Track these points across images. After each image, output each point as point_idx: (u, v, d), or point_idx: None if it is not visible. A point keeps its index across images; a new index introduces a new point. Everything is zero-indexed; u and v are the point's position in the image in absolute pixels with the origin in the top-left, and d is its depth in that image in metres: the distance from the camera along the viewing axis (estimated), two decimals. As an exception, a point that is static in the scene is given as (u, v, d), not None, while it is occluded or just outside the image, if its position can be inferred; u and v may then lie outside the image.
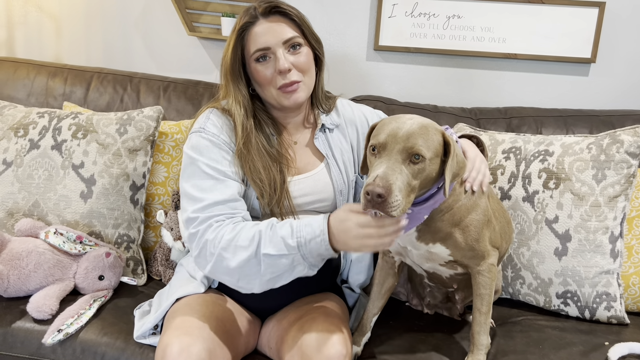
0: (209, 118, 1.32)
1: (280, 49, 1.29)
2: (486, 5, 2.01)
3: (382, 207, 1.01)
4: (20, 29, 2.34)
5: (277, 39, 1.29)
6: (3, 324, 1.37)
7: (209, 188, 1.24)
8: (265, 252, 1.14)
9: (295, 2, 2.13)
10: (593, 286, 1.48)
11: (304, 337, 1.15)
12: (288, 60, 1.29)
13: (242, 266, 1.16)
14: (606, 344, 1.35)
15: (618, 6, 1.98)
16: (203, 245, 1.20)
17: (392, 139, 1.06)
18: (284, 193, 1.31)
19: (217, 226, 1.20)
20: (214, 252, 1.18)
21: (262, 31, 1.29)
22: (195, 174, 1.26)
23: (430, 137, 1.07)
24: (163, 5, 2.22)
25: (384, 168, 1.03)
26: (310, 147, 1.43)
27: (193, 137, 1.30)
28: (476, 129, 1.80)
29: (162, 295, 1.41)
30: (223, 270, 1.19)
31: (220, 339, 1.18)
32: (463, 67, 2.10)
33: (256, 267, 1.16)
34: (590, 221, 1.49)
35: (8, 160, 1.69)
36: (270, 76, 1.30)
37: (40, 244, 1.50)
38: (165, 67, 2.28)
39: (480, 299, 1.25)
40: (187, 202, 1.25)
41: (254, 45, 1.30)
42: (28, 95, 2.03)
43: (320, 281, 1.38)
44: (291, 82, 1.30)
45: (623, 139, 1.50)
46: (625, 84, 2.04)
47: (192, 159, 1.27)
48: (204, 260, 1.21)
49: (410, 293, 1.57)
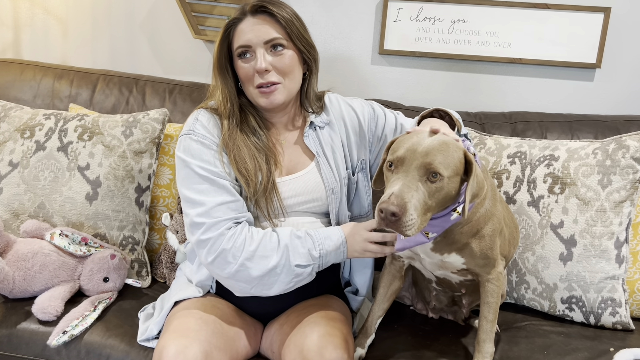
0: (197, 119, 1.32)
1: (261, 48, 1.29)
2: (491, 10, 2.01)
3: (396, 226, 0.99)
4: (26, 31, 2.35)
5: (259, 39, 1.29)
6: (8, 325, 1.38)
7: (207, 190, 1.24)
8: (297, 264, 1.21)
9: (301, 5, 2.15)
10: (598, 292, 1.48)
11: (305, 341, 1.15)
12: (267, 61, 1.29)
13: (264, 275, 1.21)
14: (611, 349, 1.34)
15: (623, 11, 1.98)
16: (219, 253, 1.21)
17: (410, 155, 1.02)
18: (272, 186, 1.30)
19: (231, 235, 1.21)
20: (233, 262, 1.20)
21: (246, 29, 1.30)
22: (190, 177, 1.26)
23: (450, 154, 1.03)
24: (169, 8, 2.23)
25: (399, 185, 1.00)
26: (300, 146, 1.41)
27: (183, 139, 1.30)
28: (481, 133, 1.80)
29: (164, 299, 1.41)
30: (243, 279, 1.22)
31: (218, 342, 1.18)
32: (468, 72, 2.10)
33: (280, 276, 1.21)
34: (596, 226, 1.48)
35: (14, 161, 1.70)
36: (251, 74, 1.31)
37: (46, 245, 1.50)
38: (171, 69, 2.29)
39: (488, 307, 1.25)
40: (188, 205, 1.25)
41: (237, 42, 1.31)
42: (34, 97, 2.04)
43: (321, 284, 1.38)
44: (268, 82, 1.29)
45: (629, 144, 1.50)
46: (630, 89, 2.04)
47: (185, 162, 1.27)
48: (219, 268, 1.22)
49: (414, 297, 1.57)
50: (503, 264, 1.26)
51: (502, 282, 1.25)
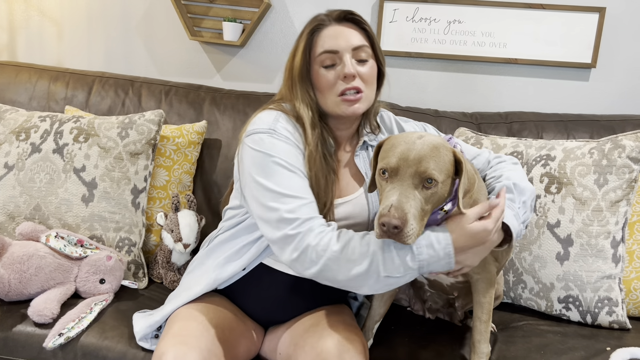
0: (278, 120, 1.24)
1: (347, 54, 1.24)
2: (487, 10, 2.02)
3: (398, 237, 1.01)
4: (22, 33, 2.35)
5: (347, 44, 1.25)
6: (4, 328, 1.37)
7: (297, 186, 1.17)
8: (386, 275, 1.09)
9: (298, 6, 2.15)
10: (595, 291, 1.48)
11: (324, 343, 1.14)
12: (354, 66, 1.25)
13: (350, 279, 1.11)
14: (608, 349, 1.35)
15: (618, 11, 1.98)
16: (304, 249, 1.12)
17: (403, 163, 1.03)
18: (330, 207, 1.25)
19: (319, 231, 1.13)
20: (316, 260, 1.11)
21: (333, 34, 1.26)
22: (279, 174, 1.17)
23: (441, 158, 1.05)
24: (164, 10, 2.23)
25: (397, 196, 1.01)
26: (350, 167, 1.35)
27: (264, 137, 1.21)
28: (477, 134, 1.80)
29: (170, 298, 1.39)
30: (328, 279, 1.14)
31: (218, 349, 1.17)
32: (464, 72, 2.11)
33: (368, 281, 1.11)
34: (592, 226, 1.49)
35: (10, 163, 1.69)
36: (333, 81, 1.25)
37: (41, 247, 1.50)
38: (166, 71, 2.28)
39: (481, 307, 1.24)
40: (275, 201, 1.16)
41: (322, 47, 1.25)
42: (30, 99, 2.04)
43: (332, 293, 1.35)
44: (354, 87, 1.24)
45: (625, 144, 1.50)
46: (626, 89, 2.05)
47: (269, 156, 1.19)
48: (303, 265, 1.14)
49: (412, 298, 1.56)
50: (496, 263, 1.25)
51: (493, 282, 1.24)
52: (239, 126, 1.97)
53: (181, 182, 1.84)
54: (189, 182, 1.88)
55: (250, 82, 2.24)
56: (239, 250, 1.31)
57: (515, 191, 1.22)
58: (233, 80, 2.25)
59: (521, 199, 1.22)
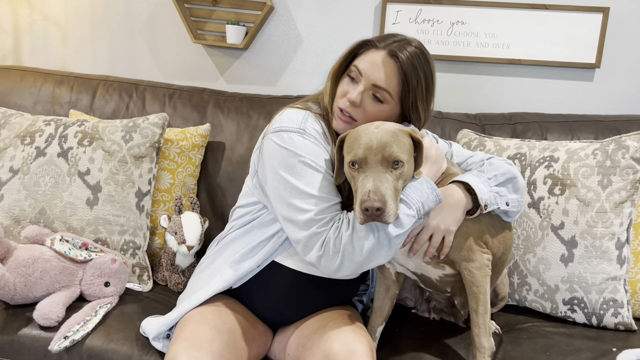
0: (307, 120, 1.28)
1: (365, 84, 1.26)
2: (490, 11, 2.02)
3: (380, 218, 1.09)
4: (26, 38, 2.36)
5: (371, 77, 1.26)
6: (10, 331, 1.38)
7: (326, 188, 1.22)
8: (395, 235, 1.16)
9: (301, 9, 2.16)
10: (600, 292, 1.47)
11: (331, 345, 1.15)
12: (360, 96, 1.26)
13: (367, 255, 1.17)
14: (614, 350, 1.34)
15: (622, 11, 1.98)
16: (326, 243, 1.18)
17: (369, 152, 1.12)
18: None
19: (338, 224, 1.20)
20: (338, 250, 1.18)
21: (371, 60, 1.27)
22: (308, 173, 1.22)
23: (401, 141, 1.15)
24: (168, 13, 2.24)
25: (372, 182, 1.10)
26: None
27: (293, 136, 1.24)
28: (480, 135, 1.80)
29: (182, 298, 1.39)
30: (351, 266, 1.19)
31: (230, 353, 1.17)
32: (467, 73, 2.11)
33: (382, 249, 1.17)
34: (597, 227, 1.48)
35: (15, 167, 1.70)
36: (343, 93, 1.30)
37: (46, 251, 1.50)
38: (170, 74, 2.29)
39: (474, 298, 1.23)
40: (305, 202, 1.20)
41: (357, 62, 1.29)
42: (34, 103, 2.05)
43: (339, 292, 1.38)
44: (349, 112, 1.28)
45: (629, 144, 1.49)
46: (630, 89, 2.04)
47: (299, 156, 1.22)
48: (328, 259, 1.19)
49: (418, 299, 1.56)
50: (484, 253, 1.24)
51: (484, 272, 1.23)
52: (243, 129, 1.97)
53: (185, 185, 1.85)
54: (193, 185, 1.88)
55: (254, 85, 2.25)
56: (254, 247, 1.33)
57: (487, 166, 1.31)
58: (236, 83, 2.26)
59: (493, 173, 1.29)
